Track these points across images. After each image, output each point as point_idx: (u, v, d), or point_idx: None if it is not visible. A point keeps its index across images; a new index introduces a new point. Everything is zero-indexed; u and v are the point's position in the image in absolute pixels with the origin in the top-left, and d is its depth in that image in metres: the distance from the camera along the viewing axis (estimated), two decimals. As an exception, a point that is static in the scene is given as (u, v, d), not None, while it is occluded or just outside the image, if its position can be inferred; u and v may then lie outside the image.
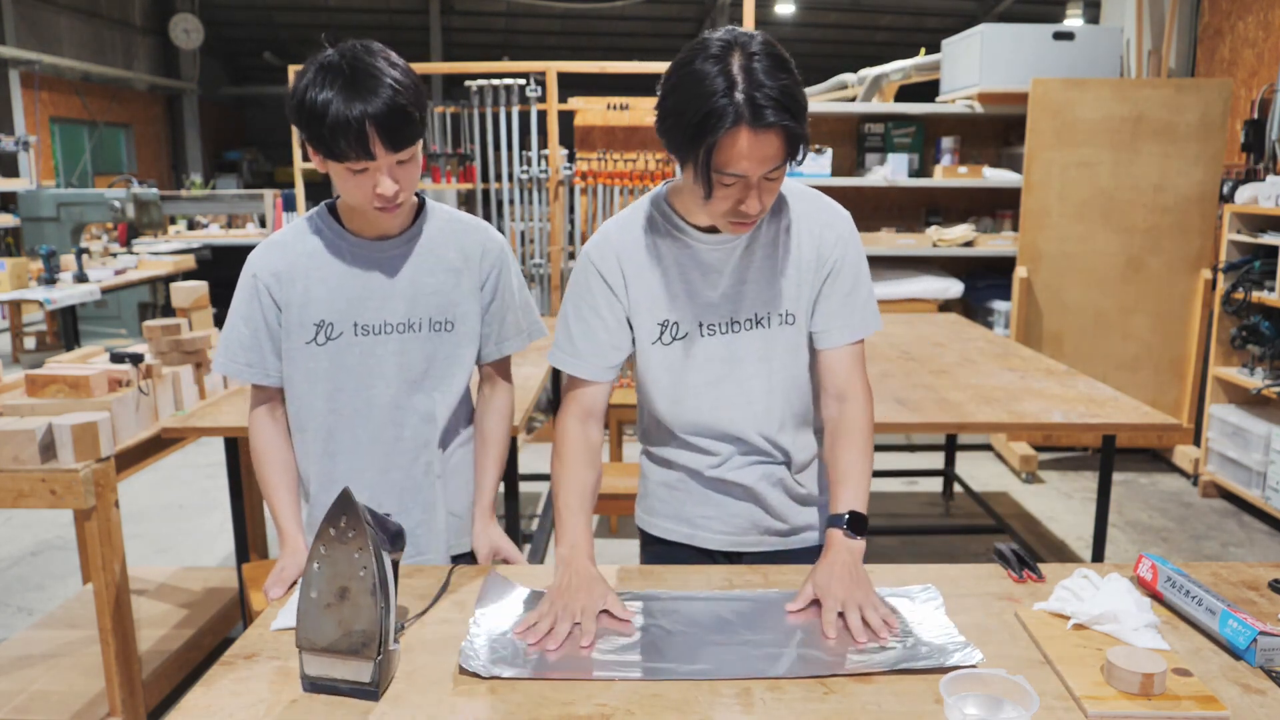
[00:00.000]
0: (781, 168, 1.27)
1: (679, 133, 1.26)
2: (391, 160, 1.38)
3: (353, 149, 1.34)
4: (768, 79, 1.21)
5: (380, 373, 1.53)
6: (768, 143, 1.22)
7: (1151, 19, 5.25)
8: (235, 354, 1.54)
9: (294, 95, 1.37)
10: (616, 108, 5.35)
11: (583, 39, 15.20)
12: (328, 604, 1.09)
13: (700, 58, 1.24)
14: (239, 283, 1.54)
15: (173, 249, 7.71)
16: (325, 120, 1.32)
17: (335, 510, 1.10)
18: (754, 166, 1.24)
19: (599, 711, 1.06)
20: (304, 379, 1.53)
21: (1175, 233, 4.66)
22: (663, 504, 1.58)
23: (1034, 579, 1.39)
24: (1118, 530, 4.03)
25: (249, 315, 1.53)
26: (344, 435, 1.55)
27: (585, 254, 1.47)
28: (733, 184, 1.27)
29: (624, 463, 3.46)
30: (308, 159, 1.46)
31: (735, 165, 1.24)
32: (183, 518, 4.29)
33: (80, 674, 2.57)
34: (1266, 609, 1.29)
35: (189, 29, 13.54)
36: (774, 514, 1.54)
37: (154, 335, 2.73)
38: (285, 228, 1.57)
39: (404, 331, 1.53)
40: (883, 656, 1.16)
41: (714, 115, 1.20)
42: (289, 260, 1.51)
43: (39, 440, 2.15)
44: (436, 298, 1.55)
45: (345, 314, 1.51)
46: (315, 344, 1.51)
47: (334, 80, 1.33)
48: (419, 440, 1.58)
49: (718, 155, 1.23)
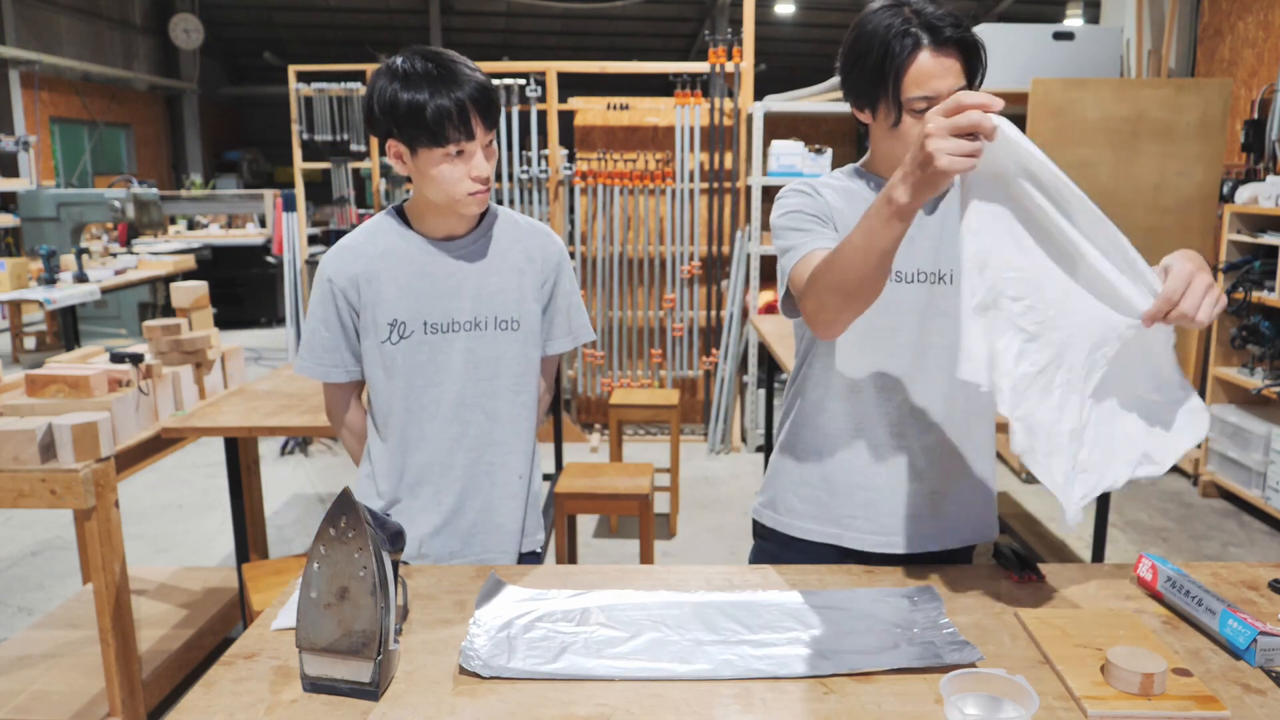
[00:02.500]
0: (966, 90, 1.33)
1: (863, 77, 1.37)
2: (486, 140, 1.48)
3: (456, 129, 1.43)
4: (937, 9, 1.35)
5: (449, 370, 1.57)
6: (948, 63, 1.33)
7: (1151, 19, 5.25)
8: (320, 357, 1.60)
9: (382, 101, 1.45)
10: (616, 108, 5.35)
11: (583, 39, 15.20)
12: (328, 604, 1.09)
13: (872, 15, 1.38)
14: (314, 288, 1.61)
15: (173, 249, 7.72)
16: (426, 111, 1.41)
17: (335, 510, 1.10)
18: (941, 85, 1.32)
19: (599, 711, 1.06)
20: (383, 377, 1.58)
21: (1175, 233, 4.66)
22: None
23: (1034, 579, 1.39)
24: (1118, 530, 4.03)
25: (327, 319, 1.58)
26: (413, 431, 1.59)
27: (803, 183, 1.52)
28: (924, 109, 1.33)
29: (624, 463, 3.46)
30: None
31: (923, 86, 1.33)
32: (183, 518, 4.29)
33: (80, 674, 2.57)
34: (1266, 609, 1.30)
35: (189, 29, 13.53)
36: None
37: (154, 335, 2.73)
38: (355, 231, 1.63)
39: (470, 330, 1.57)
40: (883, 657, 1.16)
41: (896, 41, 1.33)
42: (362, 263, 1.56)
43: (39, 440, 2.16)
44: (502, 296, 1.59)
45: (415, 312, 1.56)
46: (390, 343, 1.56)
47: (422, 80, 1.43)
48: (483, 438, 1.61)
49: (907, 79, 1.33)
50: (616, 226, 5.31)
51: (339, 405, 1.68)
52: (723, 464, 5.06)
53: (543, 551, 1.77)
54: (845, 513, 1.53)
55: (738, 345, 5.23)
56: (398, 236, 1.58)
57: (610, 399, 4.13)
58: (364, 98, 1.52)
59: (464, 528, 1.61)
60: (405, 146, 1.48)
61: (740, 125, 5.15)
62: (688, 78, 5.14)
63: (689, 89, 5.14)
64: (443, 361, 1.57)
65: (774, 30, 13.41)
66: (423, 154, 1.46)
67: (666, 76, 5.23)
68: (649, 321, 5.45)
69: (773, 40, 13.38)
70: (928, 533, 1.53)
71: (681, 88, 5.14)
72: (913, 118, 1.35)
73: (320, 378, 1.62)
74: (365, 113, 1.52)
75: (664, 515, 4.14)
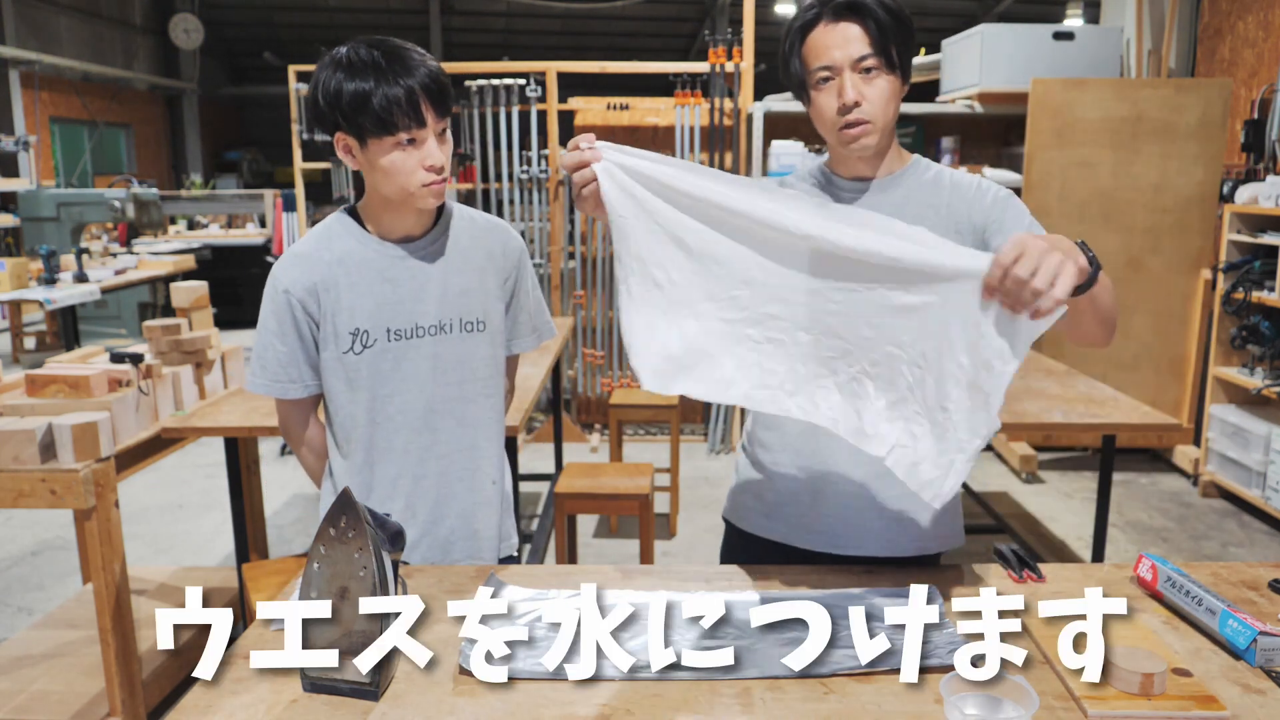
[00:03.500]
0: (871, 60, 1.31)
1: (785, 67, 1.37)
2: (438, 128, 1.42)
3: (406, 116, 1.37)
4: None
5: (415, 377, 1.51)
6: (846, 31, 1.30)
7: (1151, 19, 5.25)
8: (276, 373, 1.51)
9: (327, 92, 1.39)
10: (616, 108, 5.35)
11: (583, 39, 15.19)
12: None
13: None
14: (266, 299, 1.51)
15: (173, 249, 7.72)
16: (373, 100, 1.36)
17: (335, 510, 1.10)
18: (837, 55, 1.31)
19: (599, 711, 1.06)
20: (345, 389, 1.51)
21: (1175, 233, 4.66)
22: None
23: (1034, 579, 1.39)
24: (1118, 530, 4.03)
25: (284, 332, 1.50)
26: (381, 443, 1.53)
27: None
28: (828, 79, 1.33)
29: (624, 463, 3.46)
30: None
31: (819, 57, 1.32)
32: (183, 518, 4.29)
33: (80, 674, 2.57)
34: (1266, 609, 1.29)
35: (189, 29, 13.53)
36: None
37: (154, 335, 2.73)
38: (306, 236, 1.55)
39: (436, 334, 1.52)
40: (883, 657, 1.16)
41: (797, 21, 1.34)
42: (320, 271, 1.49)
43: (39, 440, 2.15)
44: (466, 297, 1.54)
45: (378, 320, 1.49)
46: (353, 353, 1.49)
47: (368, 68, 1.37)
48: (454, 445, 1.55)
49: (805, 52, 1.33)
50: (616, 226, 5.30)
51: (297, 422, 1.59)
52: (723, 464, 5.06)
53: (518, 556, 1.72)
54: (793, 512, 1.51)
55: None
56: (354, 240, 1.50)
57: (610, 399, 4.13)
58: (308, 92, 1.44)
59: (441, 537, 1.57)
60: (354, 138, 1.41)
61: (740, 125, 5.14)
62: (688, 78, 5.14)
63: (689, 89, 5.14)
64: (408, 369, 1.51)
65: (774, 30, 13.36)
66: (373, 144, 1.40)
67: (666, 76, 5.23)
68: (649, 321, 5.44)
69: (773, 40, 13.30)
70: (881, 538, 1.49)
71: (681, 88, 5.14)
72: (818, 93, 1.35)
73: (278, 395, 1.53)
74: (309, 107, 1.44)
75: (664, 515, 4.14)
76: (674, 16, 14.82)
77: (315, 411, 1.61)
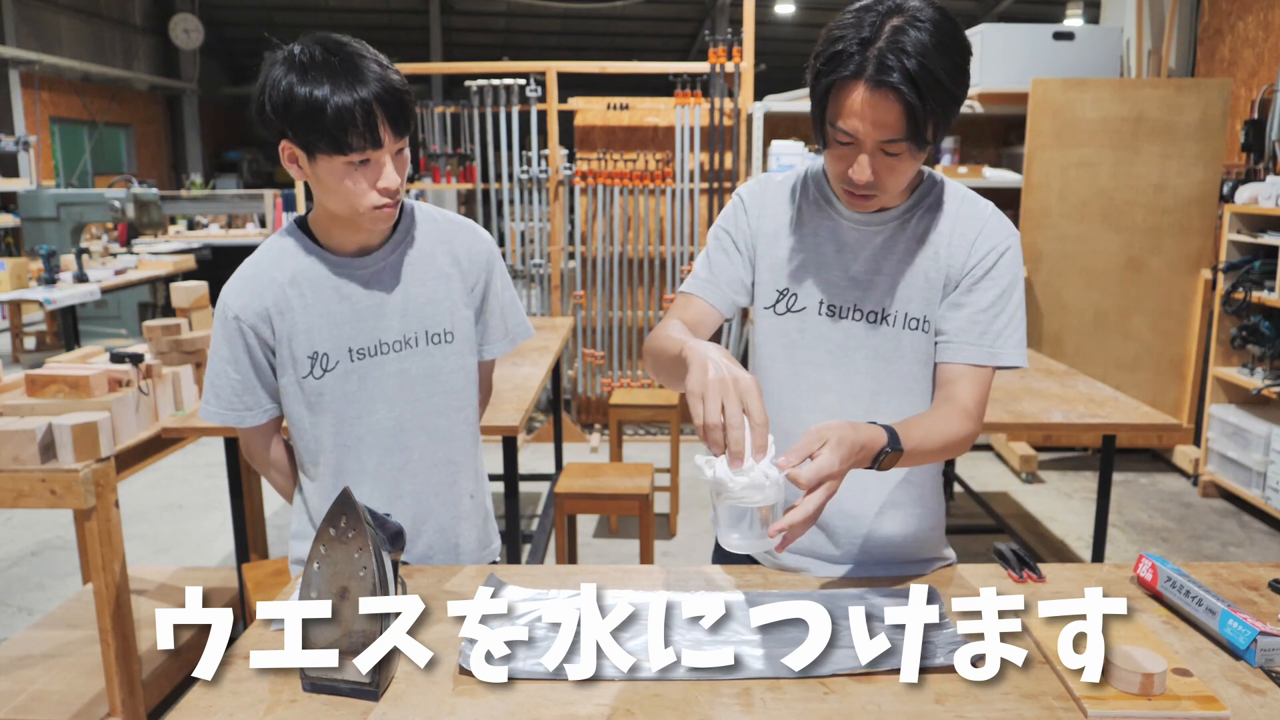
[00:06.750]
0: (900, 145, 1.18)
1: (811, 71, 1.21)
2: (394, 148, 1.31)
3: (360, 136, 1.26)
4: (914, 49, 1.13)
5: (382, 396, 1.44)
6: (884, 107, 1.15)
7: (1151, 19, 5.25)
8: (231, 401, 1.44)
9: (274, 95, 1.27)
10: (616, 108, 5.35)
11: (583, 39, 15.20)
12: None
13: (851, 9, 1.19)
14: (217, 323, 1.43)
15: (173, 249, 7.71)
16: (325, 112, 1.24)
17: (335, 510, 1.10)
18: (866, 128, 1.17)
19: (599, 711, 1.06)
20: (307, 414, 1.44)
21: (1175, 233, 4.66)
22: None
23: (1034, 579, 1.39)
24: (1118, 530, 4.03)
25: (236, 359, 1.42)
26: (351, 466, 1.46)
27: (738, 192, 1.43)
28: (847, 144, 1.21)
29: (624, 463, 3.46)
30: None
31: (846, 120, 1.18)
32: (182, 518, 4.29)
33: (80, 674, 2.57)
34: (1266, 609, 1.29)
35: (189, 29, 13.54)
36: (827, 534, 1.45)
37: (154, 335, 2.73)
38: (254, 256, 1.44)
39: (401, 349, 1.44)
40: (883, 657, 1.16)
41: (837, 59, 1.16)
42: (272, 294, 1.40)
43: (39, 440, 2.16)
44: (431, 308, 1.45)
45: (338, 341, 1.41)
46: (313, 377, 1.41)
47: (321, 72, 1.25)
48: (428, 462, 1.50)
49: (831, 103, 1.19)
50: (616, 227, 5.31)
51: (260, 446, 1.52)
52: (723, 464, 5.05)
53: (501, 559, 1.69)
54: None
55: (738, 345, 5.23)
56: (306, 256, 1.40)
57: (610, 399, 4.13)
58: (255, 90, 1.31)
59: (419, 554, 1.52)
60: (301, 150, 1.29)
61: (740, 125, 5.15)
62: (688, 78, 5.14)
63: (689, 89, 5.14)
64: (374, 388, 1.43)
65: (774, 30, 13.40)
66: (322, 160, 1.28)
67: (666, 76, 5.23)
68: (649, 321, 5.45)
69: (773, 40, 13.36)
70: (878, 542, 1.46)
71: (681, 88, 5.14)
72: (833, 148, 1.23)
73: (233, 423, 1.45)
74: (255, 108, 1.31)
75: (664, 515, 4.14)
76: (674, 16, 14.82)
77: (279, 431, 1.54)
